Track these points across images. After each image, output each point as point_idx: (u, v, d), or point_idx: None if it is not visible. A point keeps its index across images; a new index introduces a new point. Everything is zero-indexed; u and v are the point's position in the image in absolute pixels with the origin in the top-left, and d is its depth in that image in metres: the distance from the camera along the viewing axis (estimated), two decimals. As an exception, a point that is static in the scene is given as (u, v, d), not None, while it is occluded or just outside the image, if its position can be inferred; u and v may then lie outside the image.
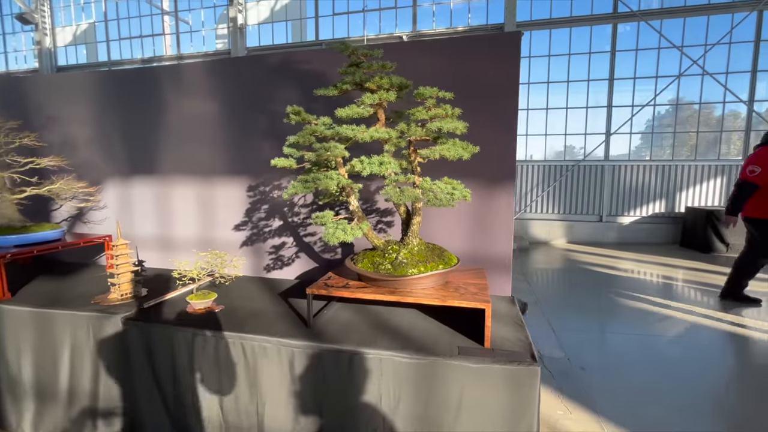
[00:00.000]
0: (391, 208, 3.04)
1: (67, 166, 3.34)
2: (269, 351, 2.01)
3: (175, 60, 12.63)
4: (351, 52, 1.93)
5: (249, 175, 3.33)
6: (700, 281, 6.33)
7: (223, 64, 3.40)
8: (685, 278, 6.56)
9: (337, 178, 1.88)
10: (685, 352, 3.73)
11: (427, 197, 1.81)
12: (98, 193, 3.66)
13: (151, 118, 3.52)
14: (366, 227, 2.02)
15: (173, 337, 2.17)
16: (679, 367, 3.42)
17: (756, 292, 5.42)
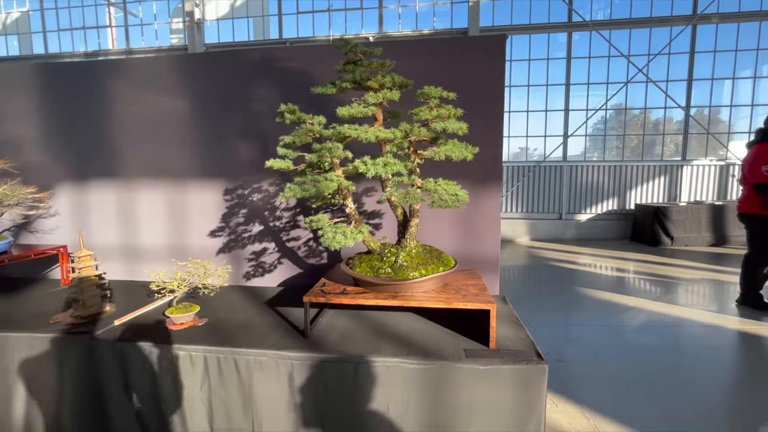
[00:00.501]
0: (379, 210, 2.99)
1: (10, 169, 2.96)
2: (266, 365, 1.88)
3: (124, 55, 11.76)
4: (350, 49, 1.85)
5: (226, 178, 3.14)
6: (652, 272, 6.83)
7: (194, 59, 3.18)
8: (639, 270, 7.05)
9: (338, 180, 1.80)
10: (653, 339, 3.99)
11: (432, 199, 1.78)
12: (49, 199, 3.29)
13: (110, 116, 3.22)
14: (366, 230, 1.95)
15: (154, 356, 1.98)
16: (650, 355, 3.65)
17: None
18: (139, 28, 11.76)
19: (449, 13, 10.42)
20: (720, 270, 6.95)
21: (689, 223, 8.67)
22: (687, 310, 4.78)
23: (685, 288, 5.88)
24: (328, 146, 1.75)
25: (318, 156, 1.80)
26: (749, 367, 3.48)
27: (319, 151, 1.77)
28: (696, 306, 5.01)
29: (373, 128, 1.76)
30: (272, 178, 3.08)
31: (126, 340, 2.04)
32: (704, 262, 7.55)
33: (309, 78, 2.95)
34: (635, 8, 9.70)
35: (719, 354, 3.65)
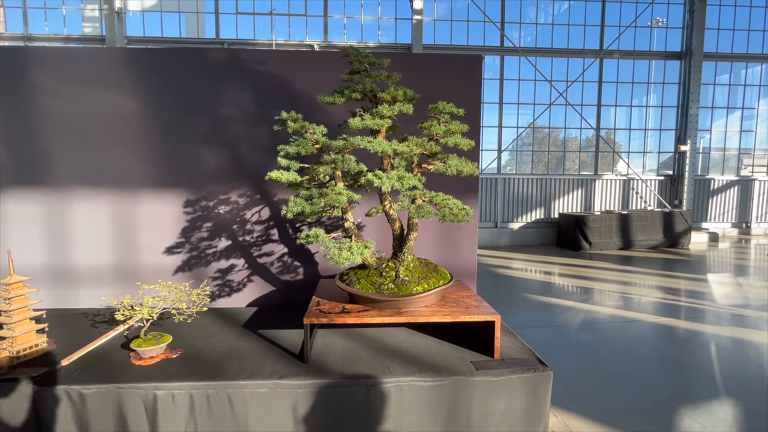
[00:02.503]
0: (360, 222, 2.92)
1: None
2: (264, 397, 1.71)
3: (20, 41, 10.05)
4: (357, 58, 1.79)
5: (187, 188, 2.82)
6: (580, 275, 7.63)
7: (146, 54, 2.83)
8: (569, 273, 7.84)
9: (347, 194, 1.72)
10: (594, 337, 4.43)
11: (443, 213, 1.78)
12: (-54, 212, 2.65)
13: (33, 114, 2.71)
14: (372, 246, 1.88)
15: (123, 400, 1.67)
16: (595, 350, 4.04)
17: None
18: (42, 11, 10.16)
19: (393, 29, 10.74)
20: (631, 271, 8.01)
21: (603, 230, 9.89)
22: (612, 309, 5.42)
23: (608, 288, 6.65)
24: (340, 158, 1.66)
25: (332, 168, 1.70)
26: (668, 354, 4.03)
27: (331, 162, 1.67)
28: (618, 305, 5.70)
29: (392, 141, 1.71)
30: (242, 189, 2.84)
31: (80, 383, 1.70)
32: (618, 263, 8.64)
33: (285, 83, 2.81)
34: (555, 39, 10.94)
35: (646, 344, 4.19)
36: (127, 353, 1.99)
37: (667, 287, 6.68)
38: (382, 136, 1.93)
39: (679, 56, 11.07)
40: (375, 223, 2.89)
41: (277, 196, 2.86)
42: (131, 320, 1.92)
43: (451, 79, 2.88)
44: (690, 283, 7.05)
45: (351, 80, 1.85)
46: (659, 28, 11.10)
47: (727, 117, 11.60)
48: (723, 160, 11.74)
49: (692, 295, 6.19)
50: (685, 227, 10.04)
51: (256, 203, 2.86)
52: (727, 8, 11.06)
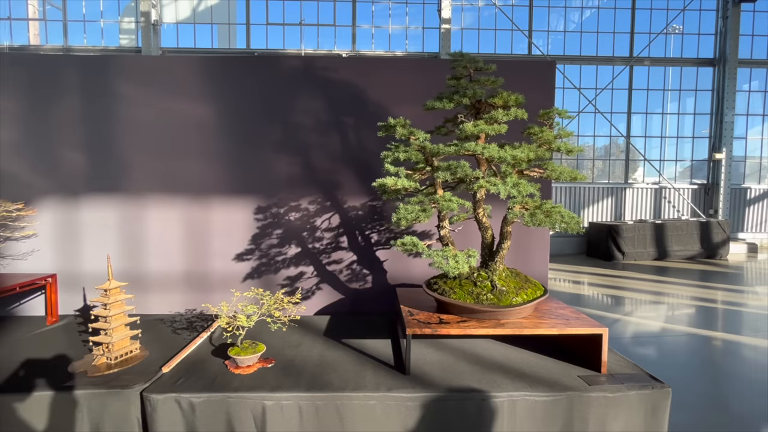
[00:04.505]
0: (429, 230, 2.87)
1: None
2: (374, 409, 1.66)
3: (60, 52, 10.40)
4: (464, 64, 1.77)
5: (257, 196, 2.82)
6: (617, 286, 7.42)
7: (221, 62, 2.86)
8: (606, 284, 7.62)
9: (456, 201, 1.68)
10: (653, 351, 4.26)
11: (555, 221, 1.72)
12: (27, 217, 2.69)
13: (111, 121, 2.76)
14: (476, 255, 1.83)
15: (233, 410, 1.64)
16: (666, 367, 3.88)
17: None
18: (82, 24, 10.51)
19: (420, 38, 10.80)
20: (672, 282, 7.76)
21: (637, 240, 9.63)
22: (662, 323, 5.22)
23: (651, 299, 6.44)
24: (453, 164, 1.62)
25: (451, 174, 1.66)
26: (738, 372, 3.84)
27: (447, 168, 1.64)
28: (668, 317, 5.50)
29: (513, 147, 1.67)
30: (312, 196, 2.83)
31: (187, 392, 1.67)
32: (657, 274, 8.39)
33: (357, 90, 2.80)
34: (584, 46, 10.84)
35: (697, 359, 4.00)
36: (220, 361, 1.96)
37: (714, 299, 6.44)
38: (482, 141, 1.90)
39: (712, 63, 10.85)
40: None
41: (347, 203, 2.84)
42: (230, 329, 1.90)
43: (522, 85, 2.84)
44: (737, 295, 6.79)
45: (458, 86, 1.82)
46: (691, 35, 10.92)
47: (764, 124, 11.29)
48: (759, 169, 11.39)
49: (743, 308, 5.95)
50: (722, 237, 9.72)
51: (326, 210, 2.84)
52: (762, 14, 10.83)
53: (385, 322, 2.61)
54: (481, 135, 1.90)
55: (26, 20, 10.56)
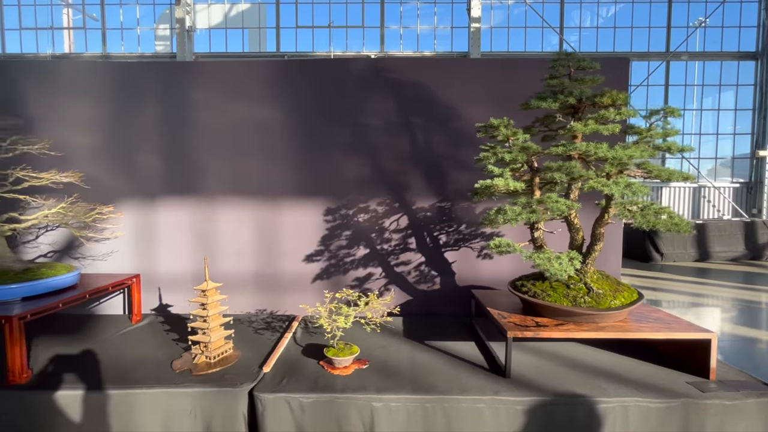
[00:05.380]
0: (498, 231, 2.84)
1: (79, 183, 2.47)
2: (482, 412, 1.64)
3: (100, 59, 10.77)
4: (565, 63, 1.74)
5: (326, 197, 2.85)
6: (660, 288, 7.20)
7: (291, 66, 2.90)
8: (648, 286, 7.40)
9: (564, 203, 1.65)
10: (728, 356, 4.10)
11: (673, 221, 1.67)
12: (114, 220, 2.78)
13: (186, 126, 2.83)
14: (578, 257, 1.79)
15: (341, 410, 1.66)
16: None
17: (718, 295, 6.27)
18: (120, 32, 10.87)
19: (449, 37, 10.74)
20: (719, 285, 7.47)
21: (676, 241, 9.32)
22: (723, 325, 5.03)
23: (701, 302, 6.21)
24: (567, 165, 1.60)
25: (566, 174, 1.64)
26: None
27: (558, 169, 1.61)
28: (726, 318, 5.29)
29: (630, 148, 1.63)
30: (381, 197, 2.84)
31: (295, 392, 1.70)
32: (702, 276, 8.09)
33: (424, 91, 2.80)
34: (618, 43, 10.58)
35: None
36: (313, 361, 1.99)
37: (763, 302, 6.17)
38: (578, 141, 1.86)
39: (754, 56, 10.43)
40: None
41: (416, 205, 2.84)
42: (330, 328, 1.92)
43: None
44: (794, 299, 6.48)
45: (561, 85, 1.79)
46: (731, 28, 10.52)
47: (810, 119, 10.76)
48: (805, 166, 10.88)
49: (805, 313, 5.68)
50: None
51: (394, 211, 2.85)
52: (808, 4, 10.34)
53: (460, 324, 2.59)
54: (577, 134, 1.86)
55: (68, 29, 10.97)
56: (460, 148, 2.80)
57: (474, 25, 10.04)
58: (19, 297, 1.98)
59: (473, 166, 2.77)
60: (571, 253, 1.80)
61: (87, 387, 1.72)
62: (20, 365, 1.76)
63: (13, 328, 1.74)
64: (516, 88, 2.74)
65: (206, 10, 10.77)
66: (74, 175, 2.35)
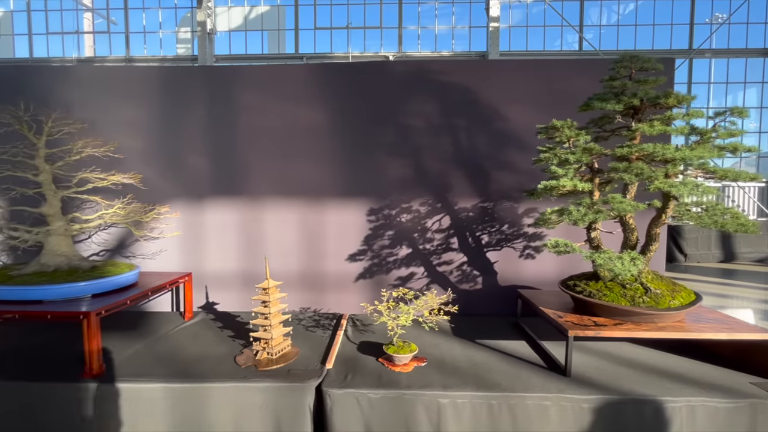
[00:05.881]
0: (540, 232, 2.85)
1: (137, 185, 2.55)
2: (549, 410, 1.67)
3: (123, 63, 11.01)
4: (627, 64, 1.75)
5: (370, 197, 2.89)
6: (689, 289, 7.08)
7: (335, 68, 2.95)
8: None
9: (628, 203, 1.66)
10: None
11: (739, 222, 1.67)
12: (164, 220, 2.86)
13: (233, 128, 2.90)
14: (641, 258, 1.80)
15: (408, 406, 1.70)
16: None
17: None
18: (142, 36, 11.10)
19: (467, 37, 10.72)
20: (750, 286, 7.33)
21: (700, 241, 9.16)
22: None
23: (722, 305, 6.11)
24: (635, 166, 1.61)
25: (637, 175, 1.65)
26: None
27: (627, 170, 1.63)
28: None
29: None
30: (423, 198, 2.87)
31: (362, 387, 1.74)
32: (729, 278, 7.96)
33: (469, 93, 2.82)
34: (639, 40, 10.45)
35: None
36: (370, 358, 2.03)
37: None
38: (637, 141, 1.87)
39: (780, 53, 10.20)
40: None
41: (458, 205, 2.87)
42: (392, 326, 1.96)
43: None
44: (828, 301, 6.33)
45: (624, 86, 1.80)
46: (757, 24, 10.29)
47: (840, 117, 10.49)
48: (834, 165, 10.61)
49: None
50: (796, 239, 9.10)
51: (436, 212, 2.88)
52: (838, -2, 10.07)
53: (505, 323, 2.61)
54: (636, 135, 1.87)
55: (92, 33, 11.24)
56: (503, 149, 2.82)
57: (493, 25, 10.00)
58: (89, 294, 2.06)
59: (516, 166, 2.83)
60: (631, 254, 1.81)
61: (158, 380, 1.79)
62: (96, 359, 1.84)
63: (91, 324, 1.82)
64: (559, 88, 2.77)
65: (226, 13, 10.93)
66: (134, 176, 2.43)
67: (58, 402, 1.78)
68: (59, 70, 3.10)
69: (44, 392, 1.79)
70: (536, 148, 2.04)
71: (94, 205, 2.96)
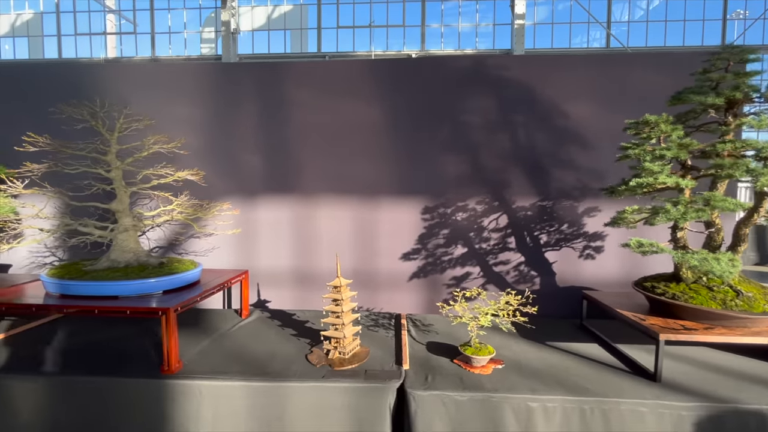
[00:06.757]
0: (601, 231, 2.77)
1: (198, 182, 2.55)
2: (646, 416, 1.60)
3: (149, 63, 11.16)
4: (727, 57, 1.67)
5: (425, 195, 2.85)
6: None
7: (389, 65, 2.91)
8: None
9: (731, 202, 1.59)
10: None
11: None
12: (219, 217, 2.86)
13: (287, 125, 2.88)
14: (737, 258, 1.72)
15: (496, 409, 1.65)
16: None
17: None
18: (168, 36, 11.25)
19: (491, 35, 10.61)
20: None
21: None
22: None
23: None
24: (742, 163, 1.54)
25: (747, 173, 1.58)
26: None
27: (734, 166, 1.56)
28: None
29: None
30: (480, 196, 2.82)
31: (446, 389, 1.70)
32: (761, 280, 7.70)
33: (528, 89, 2.75)
34: (669, 36, 10.20)
35: None
36: (444, 359, 1.99)
37: None
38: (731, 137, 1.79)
39: (819, 48, 9.84)
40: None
41: (516, 203, 2.80)
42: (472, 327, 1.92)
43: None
44: None
45: (722, 79, 1.72)
46: (793, 19, 9.94)
47: None
48: None
49: None
50: (836, 241, 8.77)
51: (493, 210, 2.82)
52: None
53: (569, 325, 2.54)
54: (731, 131, 1.79)
55: (119, 34, 11.43)
56: (563, 146, 2.75)
57: (518, 22, 9.87)
58: (160, 290, 2.06)
59: (577, 164, 2.76)
60: (728, 254, 1.73)
61: (237, 378, 1.77)
62: (175, 356, 1.83)
63: (170, 320, 1.81)
64: (625, 83, 2.69)
65: (249, 13, 11.00)
66: (198, 173, 2.43)
67: (137, 398, 1.78)
68: (110, 68, 3.14)
69: (122, 388, 1.79)
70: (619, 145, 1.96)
71: (148, 201, 2.99)
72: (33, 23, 11.57)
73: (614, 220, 2.02)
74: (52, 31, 11.73)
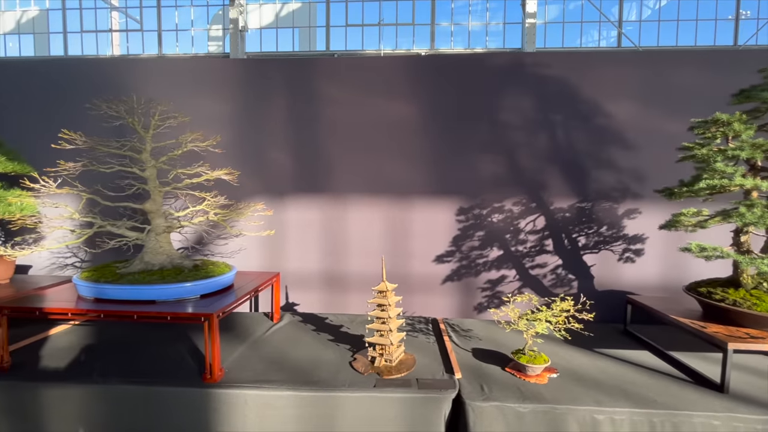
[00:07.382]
0: (642, 234, 2.69)
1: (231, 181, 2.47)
2: (718, 429, 1.52)
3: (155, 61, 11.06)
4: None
5: (460, 196, 2.77)
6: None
7: (424, 62, 2.85)
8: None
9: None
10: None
11: None
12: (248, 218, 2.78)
13: (317, 123, 2.80)
14: (810, 264, 1.65)
15: (560, 421, 1.57)
16: None
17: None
18: (175, 33, 11.14)
19: (501, 34, 10.51)
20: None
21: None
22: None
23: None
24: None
25: None
26: None
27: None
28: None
29: None
30: (517, 197, 2.74)
31: (505, 400, 1.62)
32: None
33: (569, 87, 2.67)
34: (681, 36, 10.11)
35: None
36: (494, 368, 1.91)
37: None
38: None
39: (832, 49, 9.76)
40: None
41: (554, 205, 2.72)
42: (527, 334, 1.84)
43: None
44: None
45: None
46: (806, 19, 9.85)
47: None
48: None
49: None
50: None
51: (530, 212, 2.74)
52: None
53: (612, 330, 2.46)
54: None
55: (126, 31, 11.33)
56: (603, 146, 2.67)
57: (529, 21, 9.77)
58: (197, 295, 1.99)
59: (618, 164, 2.68)
60: (798, 260, 1.65)
61: (284, 387, 1.70)
62: (218, 363, 1.76)
63: (213, 326, 1.73)
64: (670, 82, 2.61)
65: (257, 10, 10.90)
66: (233, 173, 2.34)
67: (178, 408, 1.70)
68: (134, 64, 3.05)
69: (161, 397, 1.71)
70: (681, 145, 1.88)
71: (174, 201, 2.91)
72: (39, 20, 11.47)
73: (670, 223, 1.95)
74: (57, 28, 11.64)
